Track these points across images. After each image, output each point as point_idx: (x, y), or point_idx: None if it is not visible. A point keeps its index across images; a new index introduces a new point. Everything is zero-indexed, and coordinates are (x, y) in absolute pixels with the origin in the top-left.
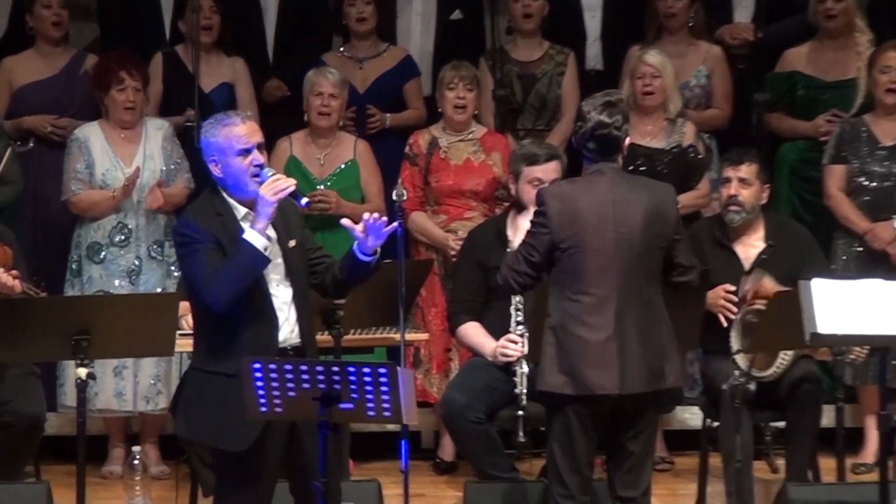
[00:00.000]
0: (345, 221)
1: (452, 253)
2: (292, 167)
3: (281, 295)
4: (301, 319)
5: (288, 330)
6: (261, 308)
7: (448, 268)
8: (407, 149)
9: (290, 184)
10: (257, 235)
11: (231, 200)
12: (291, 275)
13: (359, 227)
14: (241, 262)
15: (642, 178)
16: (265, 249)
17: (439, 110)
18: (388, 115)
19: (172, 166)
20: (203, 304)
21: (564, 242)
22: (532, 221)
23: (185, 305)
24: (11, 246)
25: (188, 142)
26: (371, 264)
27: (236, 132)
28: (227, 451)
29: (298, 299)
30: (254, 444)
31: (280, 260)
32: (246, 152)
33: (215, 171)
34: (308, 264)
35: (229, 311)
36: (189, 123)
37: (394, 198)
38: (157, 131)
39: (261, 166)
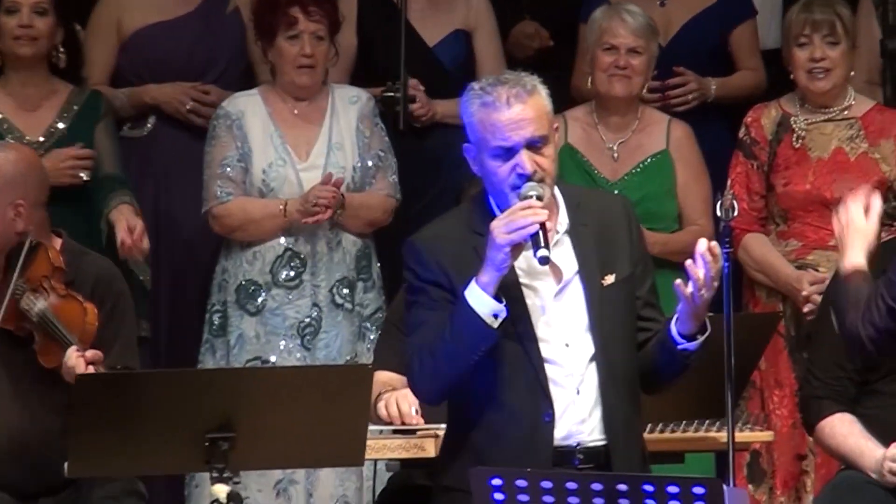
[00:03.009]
0: (678, 282)
1: (808, 303)
2: (568, 162)
3: (567, 363)
4: (610, 402)
5: (576, 419)
6: (523, 384)
7: (802, 325)
8: (742, 132)
9: (533, 219)
10: (480, 294)
11: (496, 209)
12: (598, 328)
13: (688, 287)
14: (453, 333)
15: None
16: (494, 317)
17: (790, 75)
18: (713, 80)
19: (370, 162)
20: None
21: None
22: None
23: (383, 380)
24: (102, 300)
25: (392, 124)
26: (687, 356)
27: (495, 118)
28: None
29: (606, 367)
30: None
31: (581, 302)
32: (505, 153)
33: (473, 165)
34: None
35: (440, 400)
36: (389, 94)
37: (717, 213)
38: (349, 106)
39: (526, 178)
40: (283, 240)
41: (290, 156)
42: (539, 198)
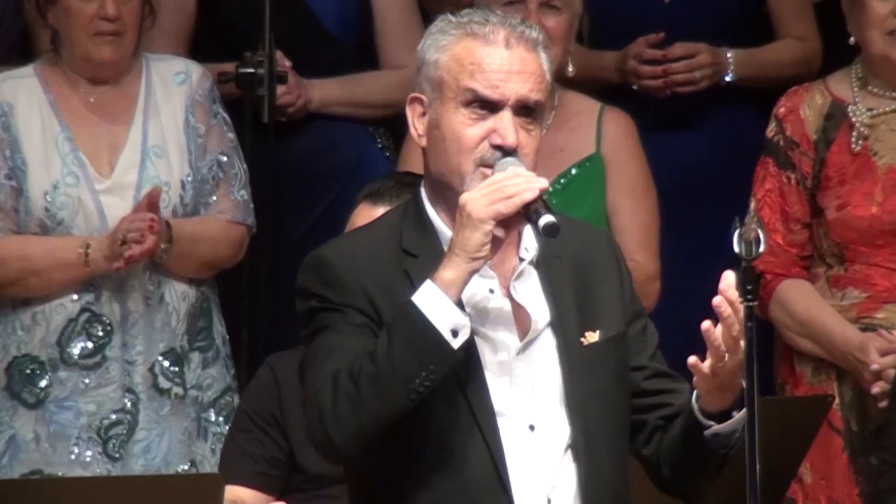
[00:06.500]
0: (692, 361)
1: (879, 381)
2: None
3: (533, 454)
4: None
5: None
6: (474, 480)
7: (870, 416)
8: (772, 129)
9: (529, 186)
10: (439, 296)
11: (436, 216)
12: (577, 404)
13: (706, 366)
14: (392, 350)
15: None
16: (454, 334)
17: (850, 41)
18: (729, 52)
19: (207, 171)
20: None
21: None
22: None
23: (230, 498)
24: None
25: (252, 116)
26: (727, 448)
27: (482, 55)
28: None
29: (589, 464)
30: None
31: (552, 366)
32: (482, 106)
33: (415, 128)
34: (634, 403)
35: (354, 452)
36: (247, 71)
37: (735, 247)
38: (174, 88)
39: (505, 150)
40: (76, 296)
41: (84, 169)
42: None
